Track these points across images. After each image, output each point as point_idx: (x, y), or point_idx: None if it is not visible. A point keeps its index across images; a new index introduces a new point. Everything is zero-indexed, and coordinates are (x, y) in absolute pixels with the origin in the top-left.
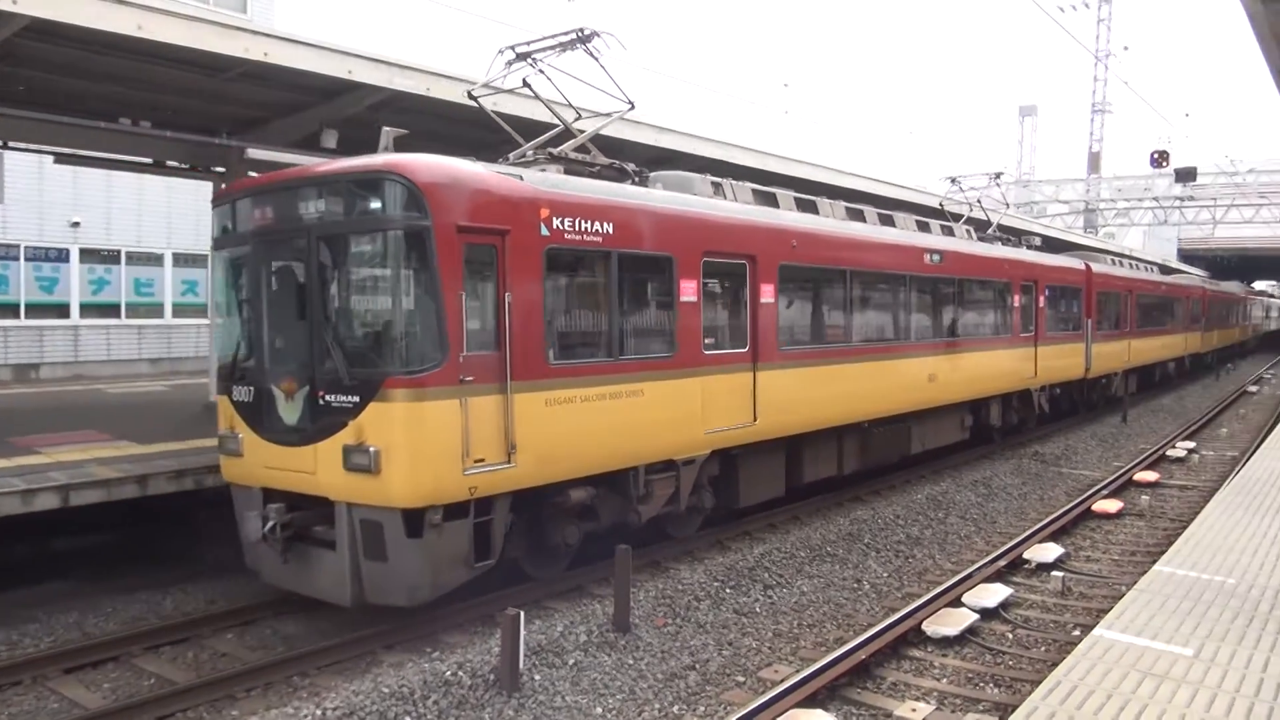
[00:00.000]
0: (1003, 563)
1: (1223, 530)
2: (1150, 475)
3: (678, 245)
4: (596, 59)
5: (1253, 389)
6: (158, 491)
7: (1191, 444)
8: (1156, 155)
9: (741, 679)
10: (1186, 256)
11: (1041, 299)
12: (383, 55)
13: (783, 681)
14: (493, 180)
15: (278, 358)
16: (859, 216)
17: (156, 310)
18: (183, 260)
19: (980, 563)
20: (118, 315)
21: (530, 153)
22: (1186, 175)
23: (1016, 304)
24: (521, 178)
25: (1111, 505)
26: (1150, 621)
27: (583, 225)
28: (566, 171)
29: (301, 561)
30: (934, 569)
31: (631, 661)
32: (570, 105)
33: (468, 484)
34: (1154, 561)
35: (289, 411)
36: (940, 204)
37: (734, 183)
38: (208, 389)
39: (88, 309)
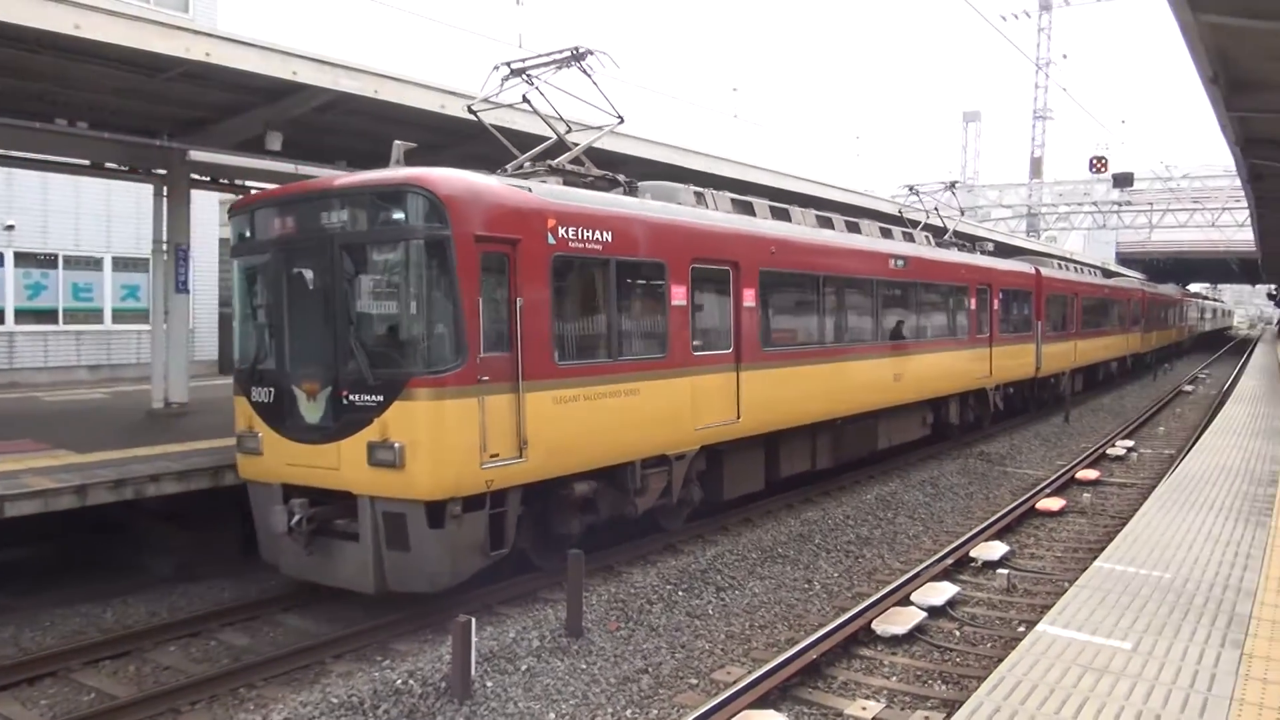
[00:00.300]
0: (950, 561)
1: (1160, 526)
2: (1091, 473)
3: (669, 252)
4: (589, 76)
5: (1188, 389)
6: (97, 502)
7: (1131, 442)
8: (1095, 161)
9: (694, 681)
10: (1124, 259)
11: (995, 302)
12: (328, 56)
13: (735, 683)
14: (505, 193)
15: (299, 360)
16: (828, 224)
17: (96, 316)
18: (123, 264)
19: (928, 562)
20: (55, 321)
21: (528, 164)
22: (1124, 181)
23: (973, 307)
24: (530, 190)
25: (1054, 503)
26: (1091, 616)
27: (585, 234)
28: (565, 183)
29: (324, 554)
30: (883, 568)
31: (584, 666)
32: (561, 119)
33: (485, 477)
34: (1095, 558)
35: (311, 411)
36: (900, 211)
37: (715, 192)
38: (150, 396)
39: (23, 314)
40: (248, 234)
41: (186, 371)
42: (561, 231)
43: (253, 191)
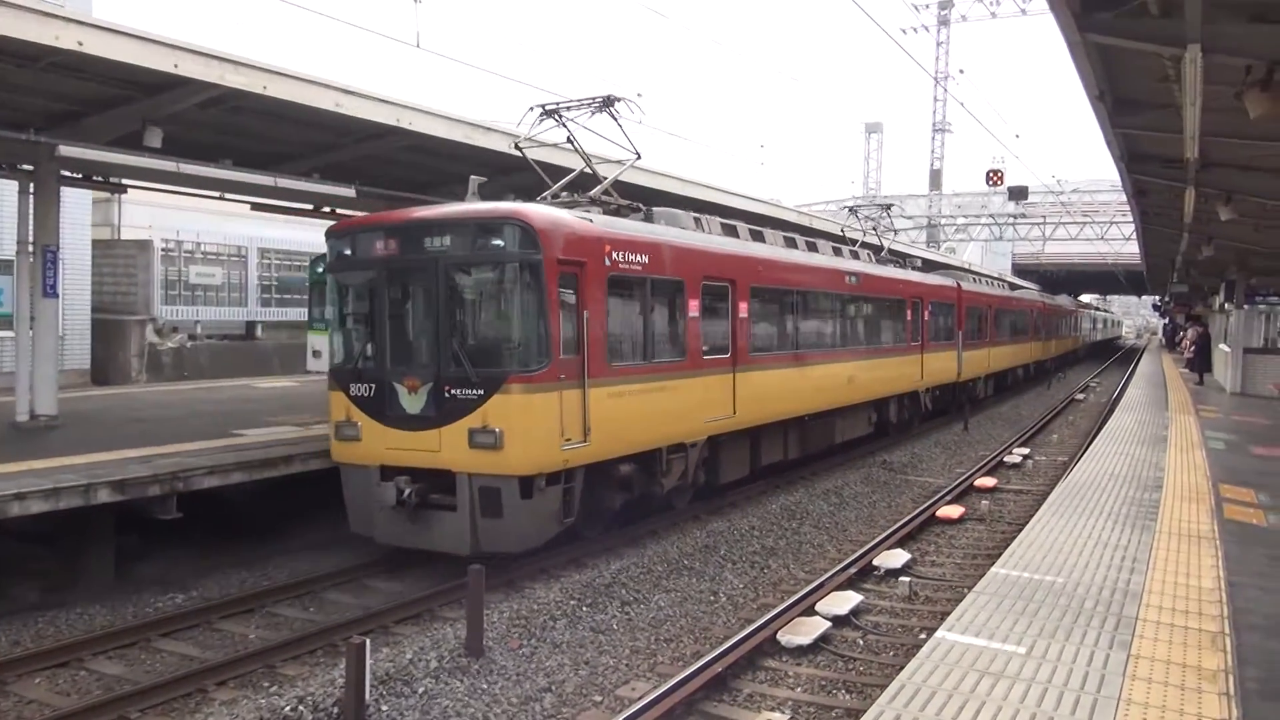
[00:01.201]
0: (854, 570)
1: (1053, 532)
2: (989, 481)
3: (687, 271)
4: (615, 119)
5: (1080, 397)
6: None
7: (1026, 450)
8: (992, 174)
9: (599, 698)
10: (1019, 270)
11: (926, 314)
12: (214, 49)
13: (640, 699)
14: (577, 224)
15: (401, 360)
16: (793, 243)
17: None
18: None
19: (832, 571)
20: None
21: (564, 194)
22: (1019, 194)
23: (909, 318)
24: (592, 220)
25: (954, 511)
26: (988, 622)
27: (630, 257)
28: (604, 212)
29: (422, 523)
30: (788, 579)
31: (485, 686)
32: (579, 153)
33: (562, 457)
34: (992, 564)
35: (412, 403)
36: (842, 230)
37: (708, 217)
38: (14, 408)
39: None
40: (348, 253)
41: (55, 381)
42: (614, 255)
43: (346, 216)
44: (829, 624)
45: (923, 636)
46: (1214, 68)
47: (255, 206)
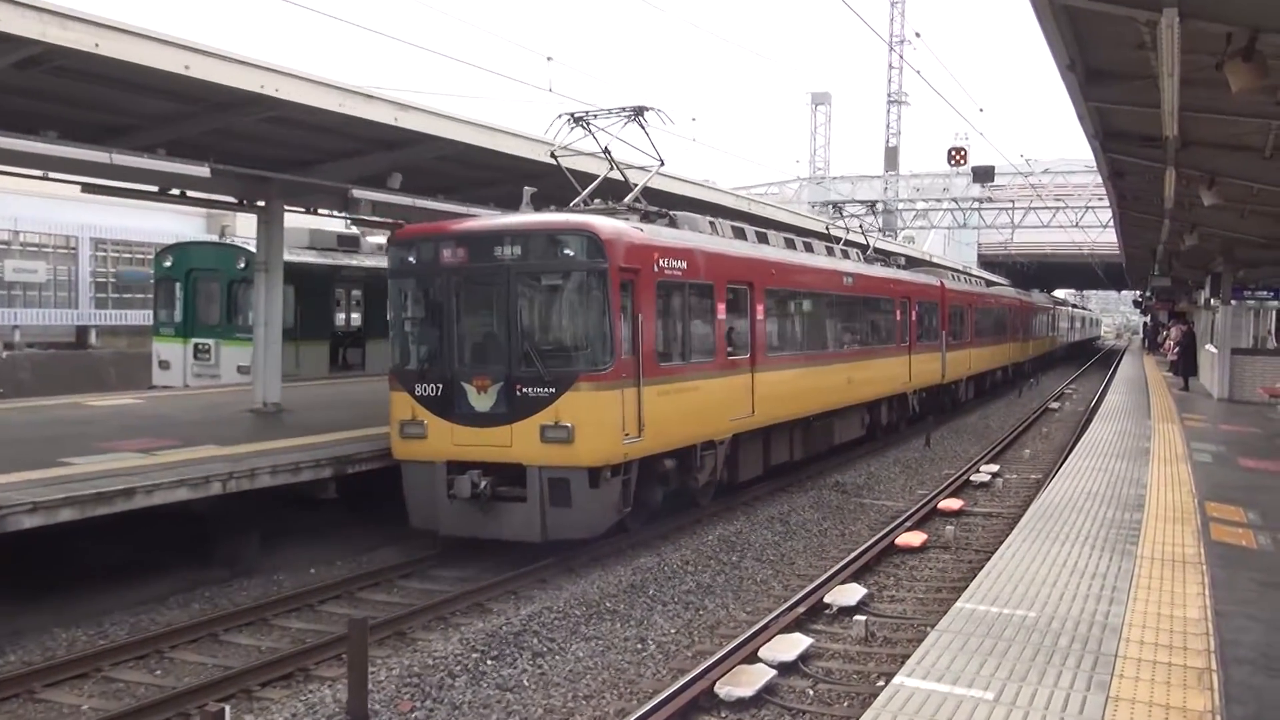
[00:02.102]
0: (802, 609)
1: (1025, 560)
2: (954, 503)
3: (715, 275)
4: (644, 129)
5: (1055, 406)
6: None
7: (995, 467)
8: (954, 153)
9: None
10: (987, 263)
11: (914, 313)
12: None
13: None
14: (633, 234)
15: (469, 362)
16: (791, 245)
17: None
18: None
19: (777, 611)
20: None
21: (597, 201)
22: (984, 175)
23: (898, 318)
24: (642, 230)
25: (915, 538)
26: (952, 665)
27: (672, 264)
28: (640, 219)
29: (492, 514)
30: (727, 621)
31: None
32: (611, 162)
33: (624, 450)
34: (958, 597)
35: (481, 401)
36: (827, 228)
37: (720, 220)
38: None
39: None
40: (412, 260)
41: None
42: (661, 262)
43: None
44: (774, 672)
45: (880, 683)
46: (1193, 34)
47: (87, 188)
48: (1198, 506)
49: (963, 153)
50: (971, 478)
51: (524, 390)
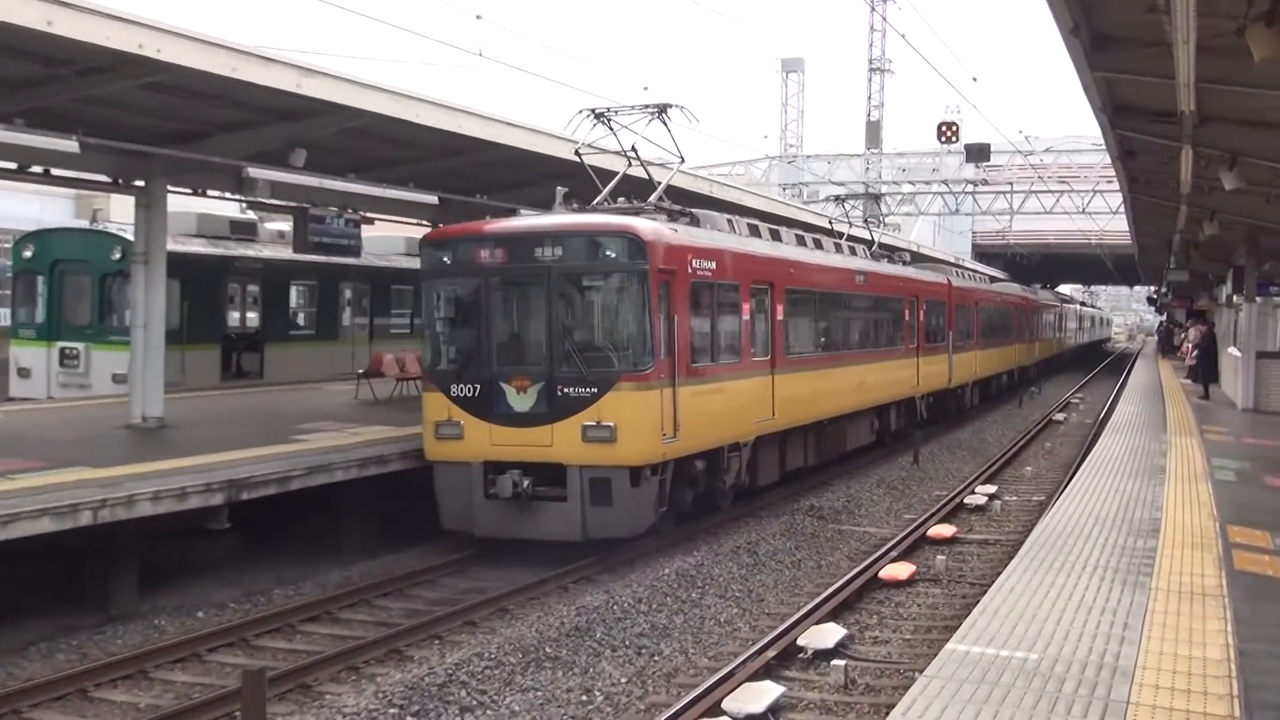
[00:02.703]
0: (772, 653)
1: (1026, 594)
2: (946, 530)
3: (740, 275)
4: (666, 126)
5: (1059, 417)
6: None
7: (992, 488)
8: (944, 128)
9: None
10: (982, 255)
11: (921, 313)
12: None
13: None
14: (670, 235)
15: (508, 362)
16: (802, 241)
17: None
18: None
19: (744, 655)
20: None
21: (621, 200)
22: (979, 154)
23: (907, 318)
24: (676, 230)
25: (902, 570)
26: (942, 715)
27: (703, 265)
28: (668, 219)
29: (531, 514)
30: (686, 667)
31: None
32: (637, 159)
33: (662, 450)
34: (950, 638)
35: (521, 401)
36: (830, 223)
37: (736, 218)
38: None
39: None
40: (446, 260)
41: None
42: (694, 263)
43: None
44: None
45: None
46: None
47: None
48: (1219, 531)
49: (954, 128)
50: (966, 500)
51: (565, 390)
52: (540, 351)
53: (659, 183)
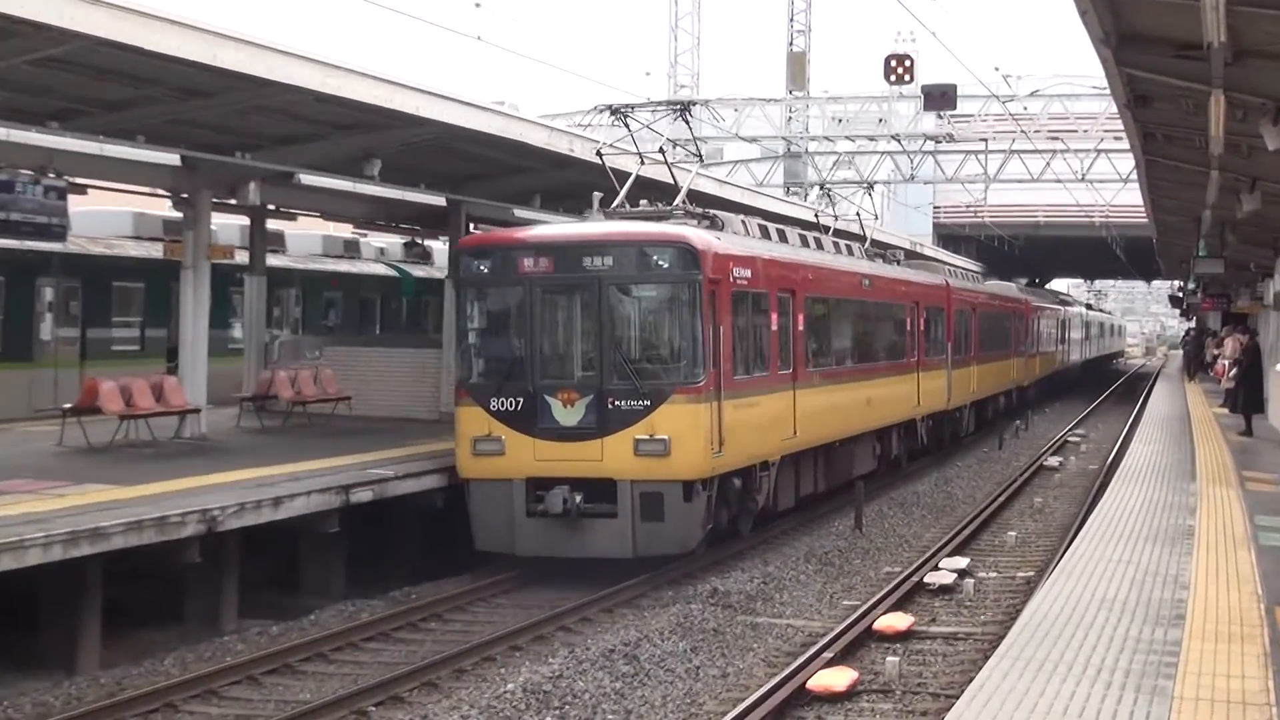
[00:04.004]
0: None
1: (1008, 707)
2: (900, 621)
3: (770, 283)
4: (688, 124)
5: (1053, 461)
6: None
7: (962, 562)
8: (894, 64)
9: None
10: (947, 239)
11: (922, 321)
12: None
13: None
14: (717, 243)
15: (553, 375)
16: (805, 243)
17: None
18: None
19: None
20: None
21: (643, 203)
22: (941, 100)
23: (908, 327)
24: (719, 239)
25: (840, 678)
26: None
27: (742, 273)
28: (699, 225)
29: (578, 531)
30: None
31: None
32: (665, 162)
33: (712, 464)
34: None
35: (568, 415)
36: (816, 216)
37: (746, 218)
38: None
39: None
40: (485, 269)
41: None
42: (735, 272)
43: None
44: None
45: None
46: None
47: None
48: (1265, 616)
49: (907, 64)
50: (927, 579)
51: (617, 403)
52: (589, 364)
53: (679, 186)
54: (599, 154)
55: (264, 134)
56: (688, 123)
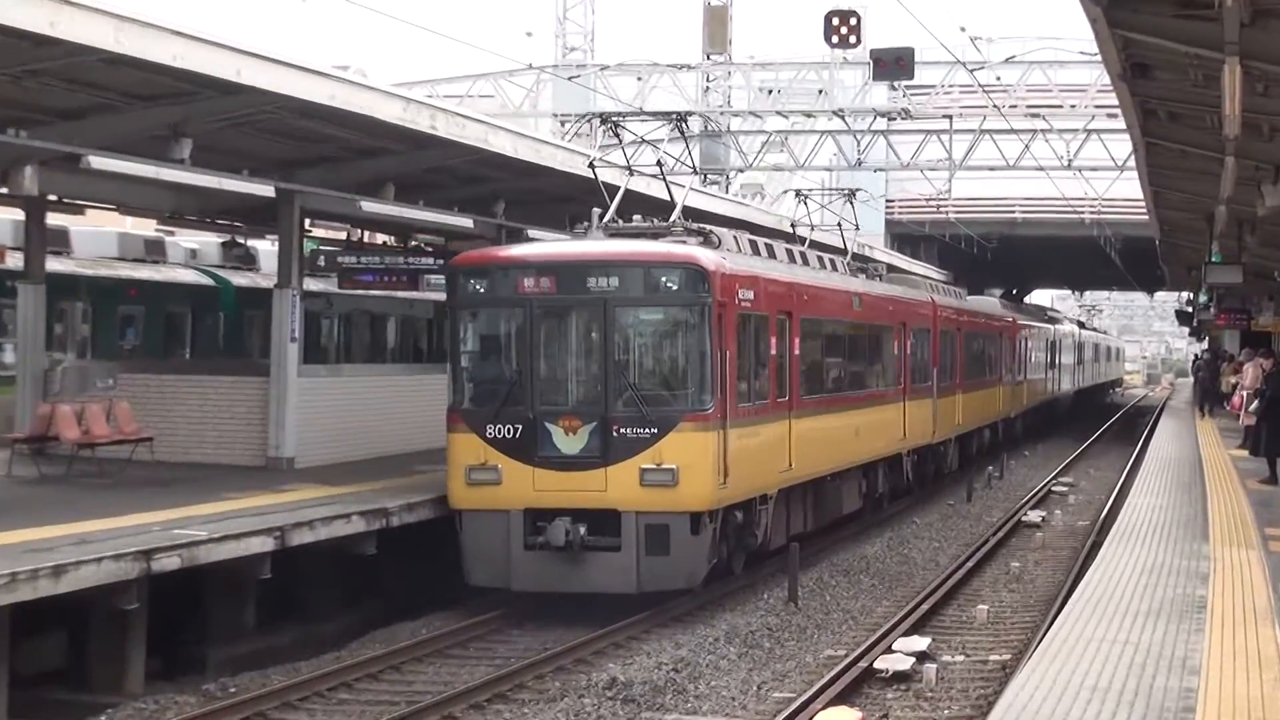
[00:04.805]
0: None
1: None
2: (844, 718)
3: (770, 305)
4: (683, 134)
5: (1034, 516)
6: None
7: (921, 642)
8: (837, 22)
9: None
10: (902, 240)
11: (909, 343)
12: None
13: None
14: (725, 264)
15: (554, 401)
16: (792, 257)
17: None
18: None
19: None
20: None
21: (634, 218)
22: (895, 67)
23: (895, 351)
24: (725, 259)
25: None
26: None
27: (745, 294)
28: (701, 244)
29: (580, 565)
30: None
31: None
32: (662, 179)
33: (719, 496)
34: None
35: (570, 444)
36: (792, 227)
37: (737, 234)
38: None
39: None
40: (481, 289)
41: None
42: (740, 293)
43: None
44: None
45: None
46: None
47: None
48: None
49: (853, 22)
50: (878, 664)
51: (623, 430)
52: (593, 390)
53: (675, 203)
54: (591, 165)
55: (43, 106)
56: (683, 133)
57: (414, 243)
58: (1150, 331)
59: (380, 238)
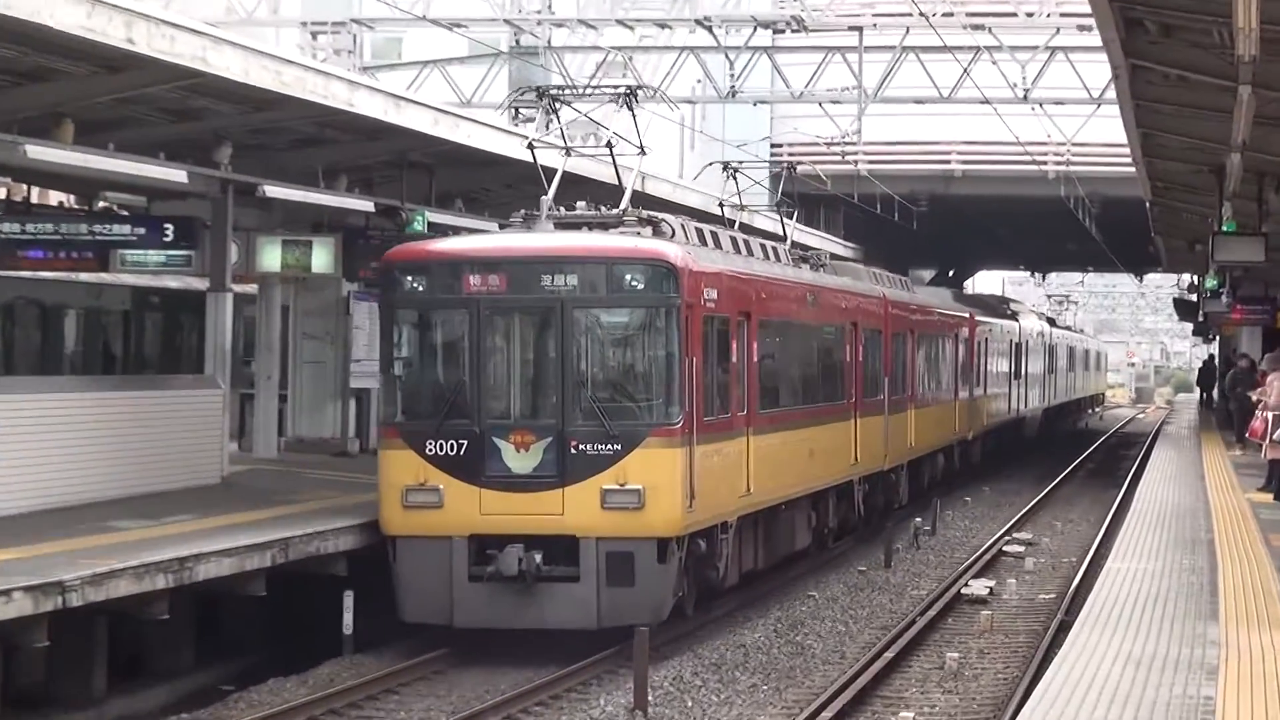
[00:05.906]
0: None
1: None
2: None
3: (731, 304)
4: (631, 110)
5: (978, 588)
6: None
7: None
8: None
9: None
10: (792, 196)
11: (860, 348)
12: None
13: None
14: (693, 261)
15: (503, 414)
16: (736, 246)
17: None
18: None
19: None
20: None
21: (577, 204)
22: None
23: (846, 357)
24: (690, 253)
25: None
26: None
27: (710, 293)
28: (654, 234)
29: (530, 598)
30: None
31: None
32: (613, 163)
33: (686, 520)
34: None
35: (521, 461)
36: (720, 205)
37: (684, 221)
38: None
39: None
40: (420, 287)
41: None
42: (705, 293)
43: (412, 245)
44: None
45: None
46: None
47: None
48: None
49: None
50: None
51: (581, 447)
52: (548, 401)
53: (625, 189)
54: (530, 146)
55: None
56: (632, 109)
57: (103, 204)
58: (1139, 329)
59: (56, 197)
